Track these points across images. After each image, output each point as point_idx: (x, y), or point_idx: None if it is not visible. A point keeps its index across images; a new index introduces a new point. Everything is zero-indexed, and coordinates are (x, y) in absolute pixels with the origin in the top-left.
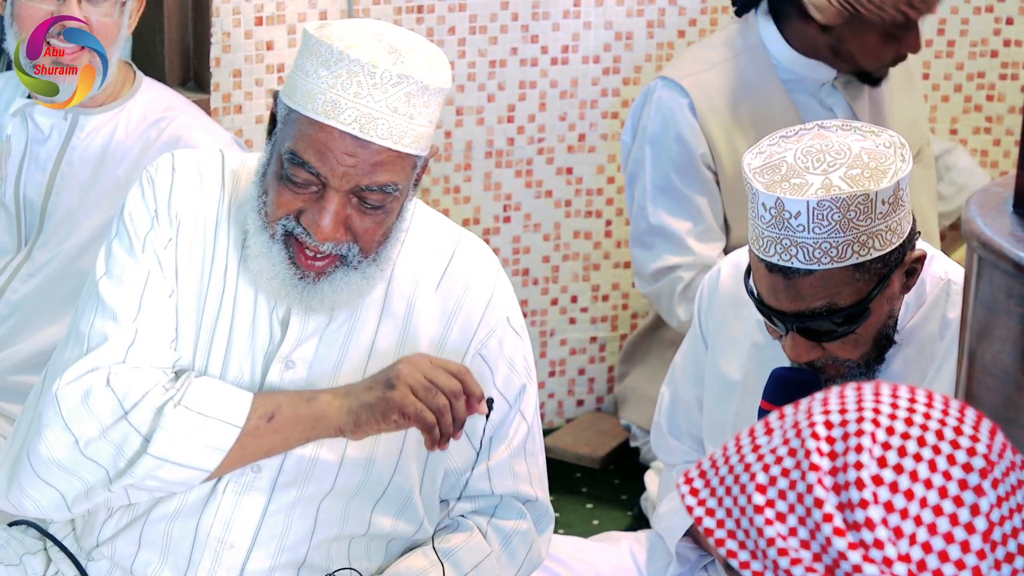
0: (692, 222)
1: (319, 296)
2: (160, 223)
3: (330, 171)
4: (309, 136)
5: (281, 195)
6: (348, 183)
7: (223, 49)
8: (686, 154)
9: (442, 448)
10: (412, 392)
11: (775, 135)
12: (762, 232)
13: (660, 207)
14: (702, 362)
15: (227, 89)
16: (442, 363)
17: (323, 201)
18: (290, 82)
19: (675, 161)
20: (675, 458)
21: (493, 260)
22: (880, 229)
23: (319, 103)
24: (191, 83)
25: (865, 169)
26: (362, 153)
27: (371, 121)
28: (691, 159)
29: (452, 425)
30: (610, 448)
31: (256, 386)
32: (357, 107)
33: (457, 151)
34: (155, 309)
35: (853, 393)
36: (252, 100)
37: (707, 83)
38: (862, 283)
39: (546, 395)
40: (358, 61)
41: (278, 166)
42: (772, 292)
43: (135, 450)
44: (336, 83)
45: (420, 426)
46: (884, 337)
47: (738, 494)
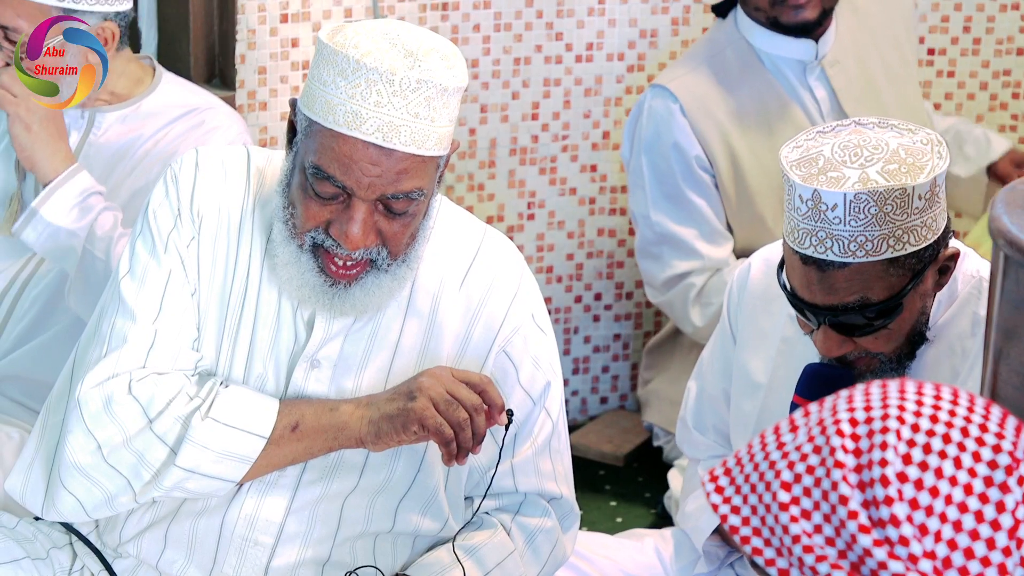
0: (697, 226)
1: (350, 301)
2: (183, 222)
3: (355, 183)
4: (332, 149)
5: (308, 208)
6: (374, 193)
7: (248, 46)
8: (683, 159)
9: (460, 463)
10: (433, 405)
11: (811, 131)
12: (798, 224)
13: (663, 214)
14: (730, 357)
15: (252, 86)
16: (464, 375)
17: (350, 211)
18: (308, 91)
19: (673, 167)
20: (700, 452)
21: (518, 257)
22: (915, 224)
23: (339, 114)
24: (216, 80)
25: (902, 164)
26: (386, 162)
27: (393, 129)
28: (688, 163)
29: (471, 440)
30: (634, 446)
31: (281, 386)
32: (378, 116)
33: (481, 148)
34: (176, 310)
35: (878, 390)
36: (277, 97)
37: (695, 84)
38: (896, 278)
39: (570, 392)
40: (376, 70)
41: (302, 179)
42: (806, 285)
43: (161, 461)
44: (355, 93)
45: (438, 440)
46: (917, 333)
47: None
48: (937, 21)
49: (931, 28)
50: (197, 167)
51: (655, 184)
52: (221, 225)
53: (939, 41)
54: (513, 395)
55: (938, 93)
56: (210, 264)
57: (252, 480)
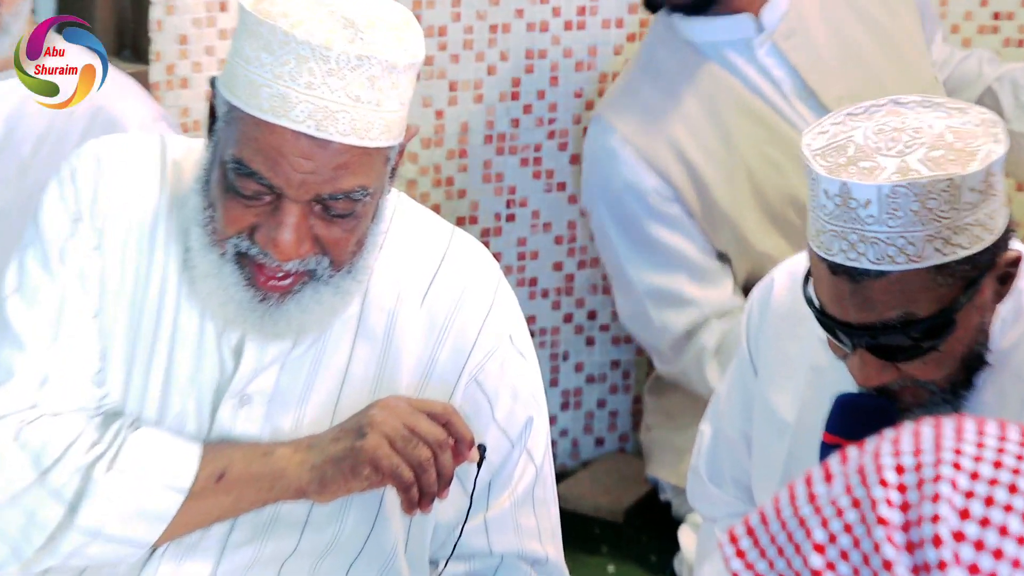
0: (681, 270)
1: (284, 320)
2: (82, 228)
3: (284, 180)
4: (256, 139)
5: (229, 210)
6: (307, 192)
7: (166, 10)
8: (639, 197)
9: (424, 510)
10: (388, 442)
11: (839, 113)
12: (824, 226)
13: (639, 267)
14: (751, 391)
15: (170, 59)
16: (425, 405)
17: (280, 214)
18: (228, 69)
19: (633, 209)
20: (717, 510)
21: (492, 266)
22: (967, 223)
23: (264, 97)
24: (127, 52)
25: (949, 151)
26: (321, 155)
27: (329, 116)
28: (645, 200)
29: (435, 483)
30: (636, 498)
31: (204, 427)
32: (311, 100)
33: (450, 135)
34: (75, 335)
35: (930, 431)
36: (201, 72)
37: (632, 103)
38: (945, 289)
39: (558, 432)
40: (307, 44)
41: (222, 175)
42: (836, 300)
43: (56, 522)
44: (283, 72)
45: (396, 484)
46: (974, 356)
47: (792, 555)
48: None
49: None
50: (99, 161)
51: (621, 234)
52: (130, 231)
53: (1005, 3)
54: (487, 434)
55: None
56: (117, 279)
57: (168, 542)
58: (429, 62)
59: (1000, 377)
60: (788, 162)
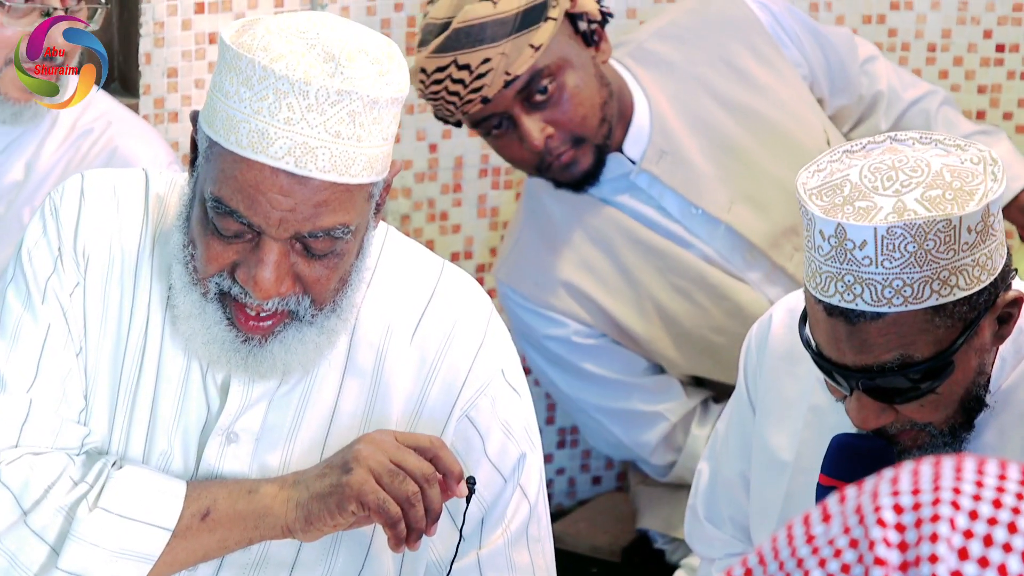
0: (633, 393)
1: (269, 361)
2: (65, 264)
3: (264, 218)
4: (235, 177)
5: (210, 248)
6: (287, 231)
7: (155, 43)
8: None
9: (411, 547)
10: (374, 477)
11: (837, 150)
12: (820, 267)
13: (593, 398)
14: (749, 431)
15: (159, 92)
16: (412, 439)
17: (260, 252)
18: (209, 104)
19: (561, 352)
20: (714, 550)
21: (483, 299)
22: (966, 263)
23: (243, 133)
24: (115, 84)
25: (947, 189)
26: (300, 192)
27: (308, 152)
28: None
29: (423, 518)
30: (633, 537)
31: (190, 465)
32: (290, 136)
33: (444, 168)
34: (57, 374)
35: (929, 470)
36: (190, 105)
37: (519, 261)
38: (943, 330)
39: (554, 471)
40: (287, 79)
41: (202, 212)
42: (833, 342)
43: (39, 563)
44: (262, 107)
45: (382, 520)
46: (973, 398)
47: None
48: (1008, 11)
49: (1000, 20)
50: (82, 196)
51: (561, 374)
52: (113, 267)
53: (1010, 35)
54: (479, 470)
55: (1009, 99)
56: (100, 316)
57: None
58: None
59: (1001, 418)
60: (691, 285)
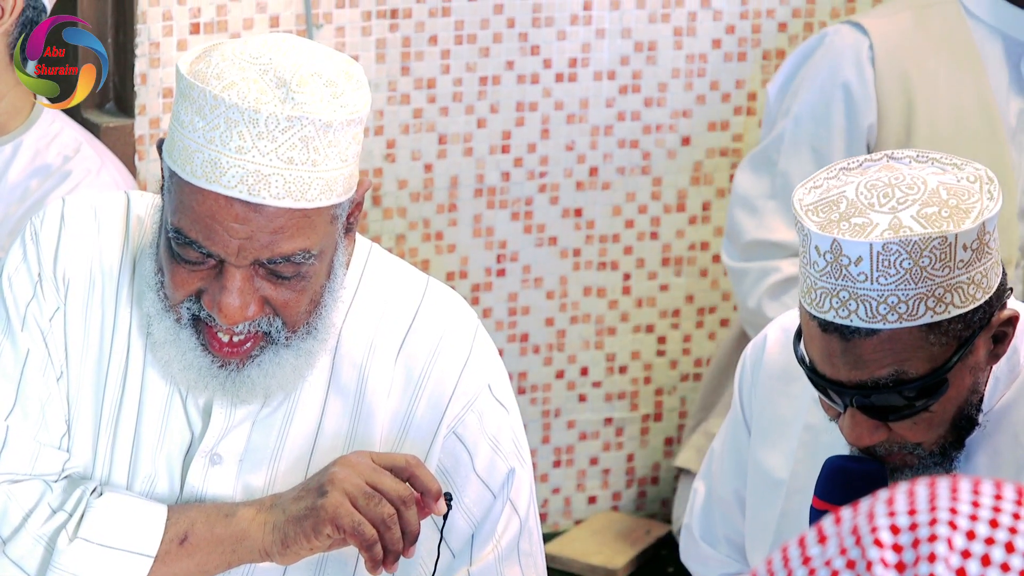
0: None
1: (248, 385)
2: (45, 289)
3: (222, 248)
4: (192, 208)
5: (175, 275)
6: (246, 258)
7: (150, 63)
8: (850, 114)
9: (388, 570)
10: (349, 500)
11: (834, 167)
12: (815, 282)
13: (798, 167)
14: (744, 451)
15: (155, 113)
16: (388, 460)
17: (223, 278)
18: (169, 134)
19: (834, 117)
20: (710, 570)
21: (468, 314)
22: (961, 281)
23: (197, 163)
24: (110, 105)
25: (943, 207)
26: (256, 220)
27: (261, 180)
28: (854, 123)
29: (399, 540)
30: (630, 557)
31: (175, 488)
32: (241, 165)
33: (440, 189)
34: (36, 400)
35: (925, 490)
36: None
37: (891, 29)
38: (937, 348)
39: (550, 490)
40: (236, 107)
41: (166, 241)
42: (827, 358)
43: None
44: (214, 136)
45: (358, 543)
46: (964, 418)
47: None
48: None
49: None
50: (62, 220)
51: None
52: (94, 291)
53: None
54: (468, 487)
55: None
56: (81, 340)
57: None
58: (418, 115)
59: (994, 439)
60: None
